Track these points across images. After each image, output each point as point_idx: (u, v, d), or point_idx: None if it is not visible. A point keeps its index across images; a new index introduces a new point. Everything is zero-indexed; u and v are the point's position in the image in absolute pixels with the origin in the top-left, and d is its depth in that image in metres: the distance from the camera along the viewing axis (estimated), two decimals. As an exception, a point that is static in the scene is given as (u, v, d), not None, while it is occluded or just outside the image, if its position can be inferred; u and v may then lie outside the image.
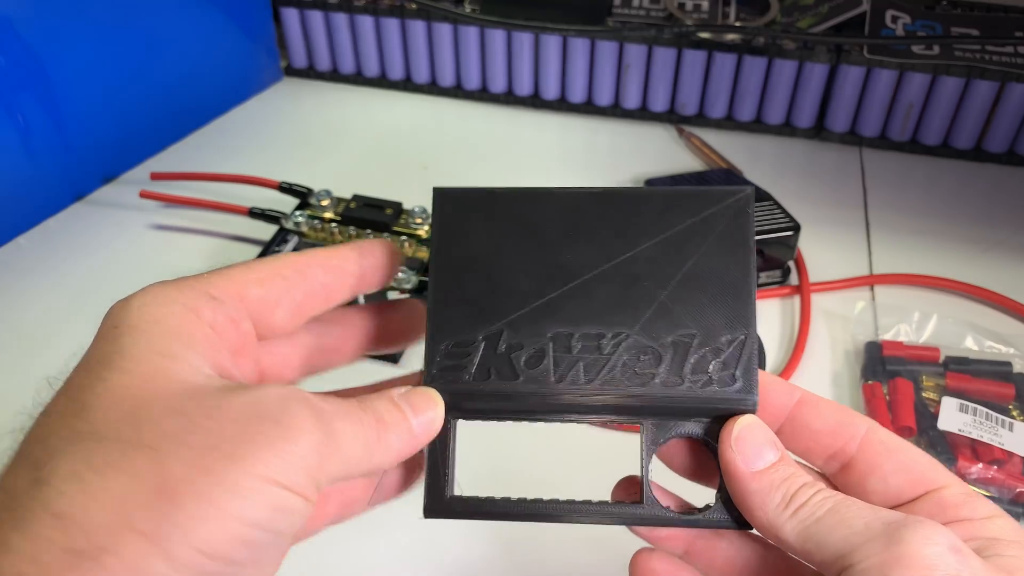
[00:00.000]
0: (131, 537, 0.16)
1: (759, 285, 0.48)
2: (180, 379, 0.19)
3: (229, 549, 0.17)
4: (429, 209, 0.50)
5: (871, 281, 0.49)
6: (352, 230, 0.50)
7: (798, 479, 0.21)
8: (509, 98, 0.70)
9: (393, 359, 0.45)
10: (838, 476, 0.22)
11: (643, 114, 0.68)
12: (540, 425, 0.23)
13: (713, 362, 0.22)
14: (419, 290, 0.45)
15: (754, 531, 0.22)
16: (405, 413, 0.21)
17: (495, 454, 0.35)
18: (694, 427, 0.22)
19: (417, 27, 0.68)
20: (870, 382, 0.41)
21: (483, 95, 0.70)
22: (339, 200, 0.52)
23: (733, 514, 0.22)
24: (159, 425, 0.18)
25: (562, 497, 0.22)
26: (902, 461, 0.22)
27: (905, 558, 0.18)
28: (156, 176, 0.56)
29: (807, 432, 0.22)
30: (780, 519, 0.20)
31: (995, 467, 0.36)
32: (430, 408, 0.22)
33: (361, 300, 0.42)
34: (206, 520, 0.17)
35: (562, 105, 0.69)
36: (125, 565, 0.16)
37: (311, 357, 0.25)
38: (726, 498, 0.22)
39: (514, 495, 0.22)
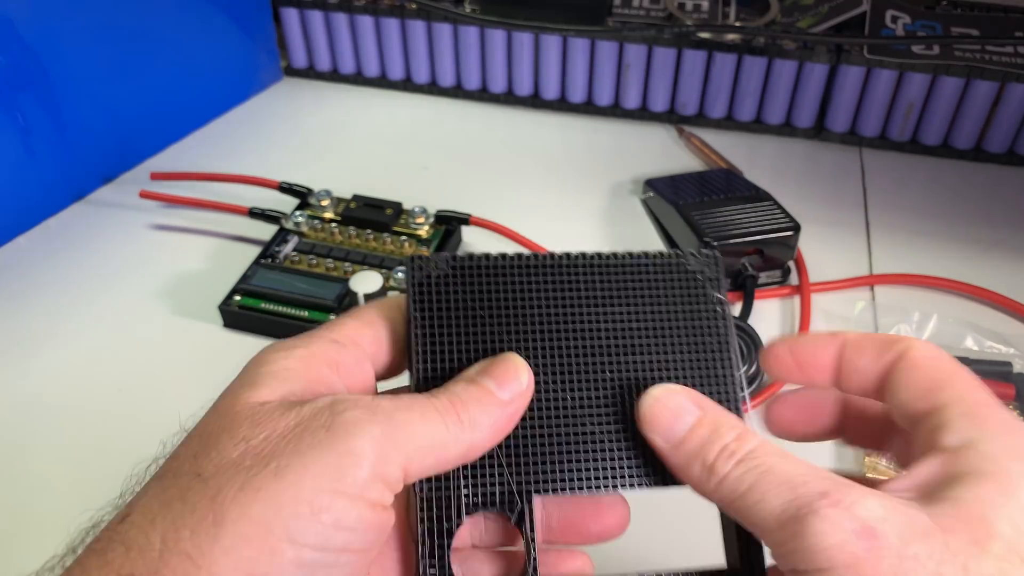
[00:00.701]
0: (178, 560, 0.17)
1: (760, 285, 0.48)
2: (250, 403, 0.19)
3: (278, 570, 0.17)
4: (429, 209, 0.50)
5: (871, 281, 0.49)
6: (352, 230, 0.50)
7: (715, 443, 0.20)
8: (509, 98, 0.70)
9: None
10: (881, 394, 0.22)
11: (643, 114, 0.68)
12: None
13: None
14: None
15: None
16: (485, 385, 0.21)
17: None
18: None
19: (417, 27, 0.68)
20: (870, 382, 0.41)
21: (483, 95, 0.70)
22: (339, 200, 0.52)
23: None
24: (221, 454, 0.18)
25: None
26: (915, 378, 0.20)
27: (808, 550, 0.17)
28: (156, 176, 0.56)
29: (857, 374, 0.22)
30: (706, 490, 0.20)
31: (995, 467, 0.36)
32: (513, 372, 0.21)
33: (362, 301, 0.42)
34: (252, 543, 0.17)
35: (562, 105, 0.69)
36: None
37: None
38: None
39: None
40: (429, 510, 0.21)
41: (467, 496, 0.22)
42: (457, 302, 0.23)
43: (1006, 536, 0.17)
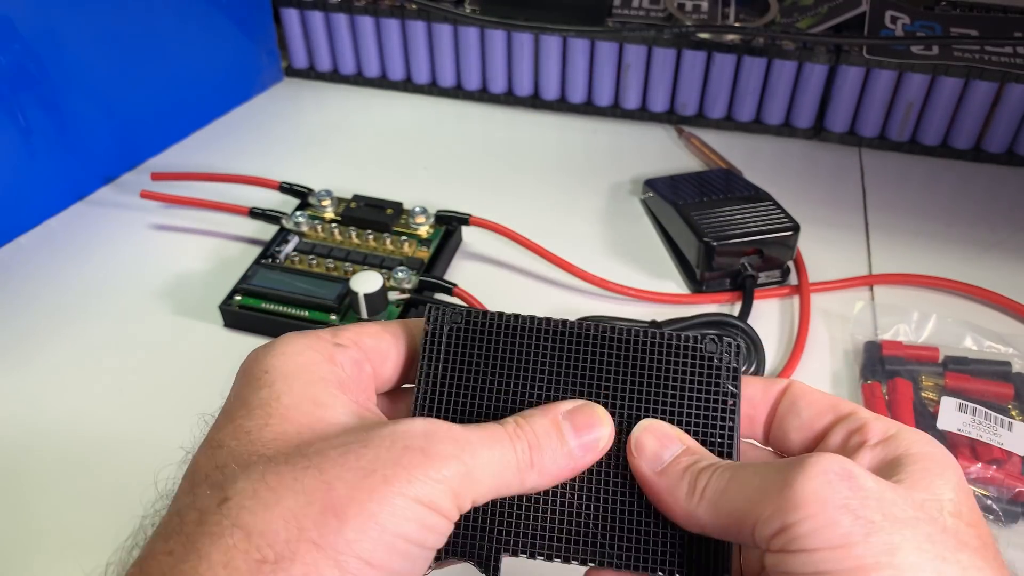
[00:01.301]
0: (307, 547, 0.18)
1: (759, 285, 0.48)
2: (333, 422, 0.21)
3: (389, 559, 0.19)
4: (429, 209, 0.51)
5: (870, 281, 0.49)
6: (352, 230, 0.50)
7: (700, 463, 0.22)
8: (509, 98, 0.70)
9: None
10: (769, 431, 0.24)
11: (643, 114, 0.68)
12: None
13: None
14: (419, 290, 0.46)
15: None
16: (564, 435, 0.22)
17: None
18: None
19: (417, 28, 0.68)
20: (869, 382, 0.41)
21: (483, 95, 0.70)
22: (339, 200, 0.52)
23: None
24: (323, 453, 0.19)
25: None
26: (813, 399, 0.23)
27: (796, 497, 0.18)
28: (157, 176, 0.56)
29: (751, 406, 0.24)
30: (692, 506, 0.21)
31: (994, 467, 0.36)
32: (594, 428, 0.23)
33: (362, 301, 0.42)
34: (369, 534, 0.18)
35: (562, 105, 0.69)
36: (303, 571, 0.18)
37: None
38: None
39: None
40: None
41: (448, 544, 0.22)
42: (465, 354, 0.24)
43: (952, 501, 0.19)
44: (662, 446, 0.22)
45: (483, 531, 0.23)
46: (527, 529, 0.23)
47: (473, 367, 0.24)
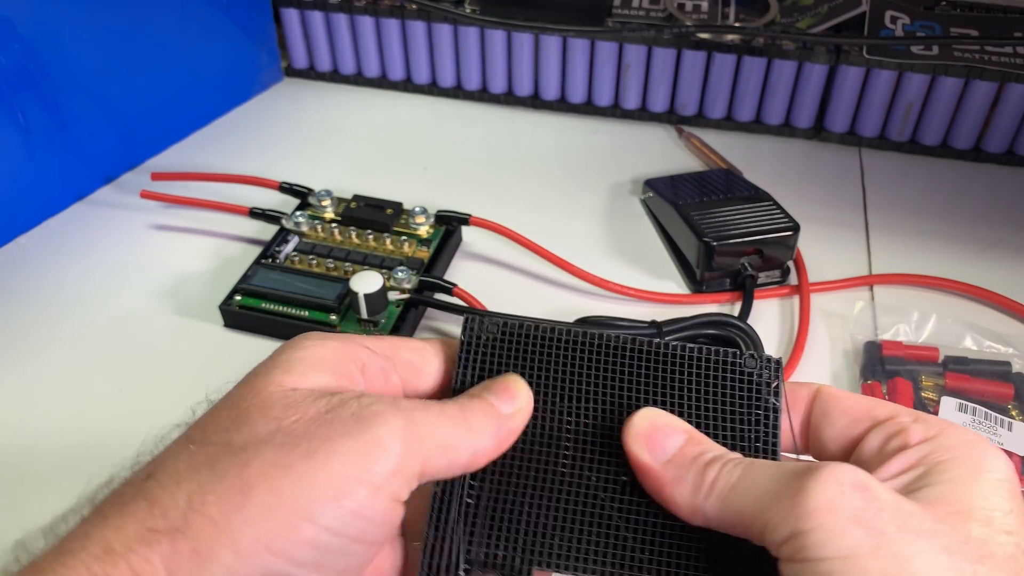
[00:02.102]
0: (203, 522, 0.18)
1: (759, 285, 0.48)
2: (284, 387, 0.20)
3: (294, 549, 0.18)
4: (429, 209, 0.51)
5: (870, 281, 0.49)
6: (352, 230, 0.50)
7: (705, 455, 0.21)
8: (509, 98, 0.70)
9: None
10: (807, 442, 0.23)
11: (643, 114, 0.68)
12: None
13: None
14: (419, 290, 0.45)
15: None
16: (487, 399, 0.22)
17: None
18: None
19: (417, 28, 0.68)
20: (869, 382, 0.41)
21: (483, 95, 0.70)
22: (339, 200, 0.52)
23: None
24: (253, 429, 0.19)
25: None
26: (846, 406, 0.22)
27: (809, 506, 0.18)
28: (157, 176, 0.56)
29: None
30: (698, 501, 0.20)
31: (994, 466, 0.36)
32: (512, 390, 0.23)
33: (362, 301, 0.42)
34: (275, 517, 0.18)
35: (562, 105, 0.69)
36: (192, 546, 0.17)
37: None
38: None
39: None
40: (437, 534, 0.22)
41: (469, 552, 0.22)
42: (502, 365, 0.24)
43: (983, 508, 0.18)
44: (665, 436, 0.22)
45: (512, 542, 0.22)
46: (561, 539, 0.22)
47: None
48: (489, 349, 0.24)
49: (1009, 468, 0.19)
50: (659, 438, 0.22)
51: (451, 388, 0.24)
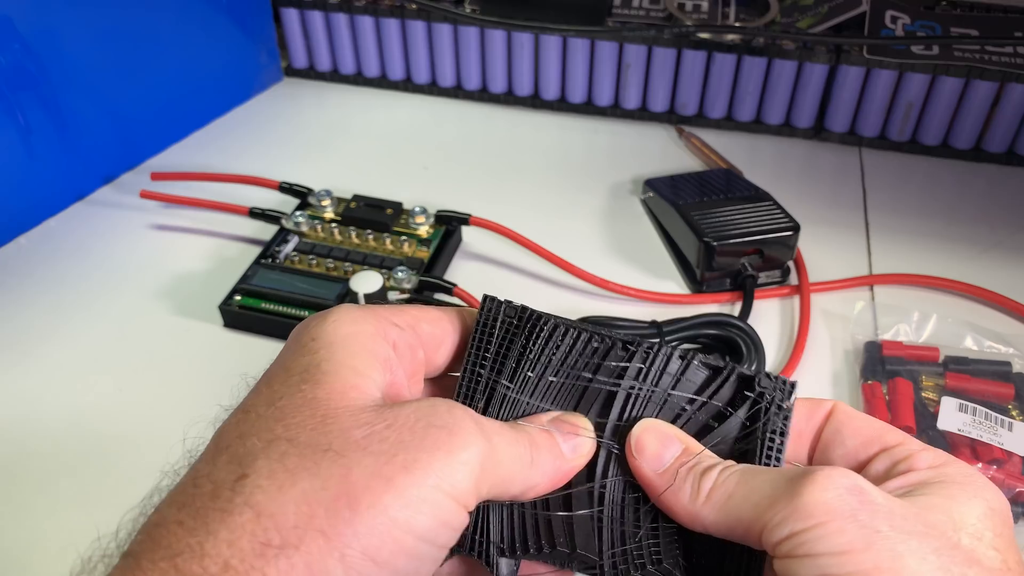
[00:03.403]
0: (313, 536, 0.18)
1: (759, 285, 0.48)
2: (367, 393, 0.21)
3: (396, 559, 0.18)
4: (429, 209, 0.50)
5: (870, 281, 0.49)
6: (352, 230, 0.50)
7: (701, 464, 0.22)
8: (509, 98, 0.70)
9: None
10: (813, 458, 0.24)
11: (643, 114, 0.68)
12: None
13: None
14: (419, 290, 0.45)
15: None
16: (555, 436, 0.22)
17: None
18: None
19: (417, 27, 0.68)
20: (870, 382, 0.41)
21: (483, 95, 0.70)
22: (339, 200, 0.52)
23: None
24: (346, 434, 0.19)
25: None
26: (858, 427, 0.23)
27: (805, 507, 0.19)
28: (156, 176, 0.56)
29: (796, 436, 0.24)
30: (696, 507, 0.21)
31: (994, 467, 0.36)
32: (580, 433, 0.23)
33: (362, 301, 0.42)
34: (379, 529, 0.18)
35: (562, 105, 0.69)
36: (305, 561, 0.18)
37: None
38: None
39: None
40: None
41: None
42: (513, 350, 0.24)
43: (975, 526, 0.19)
44: (663, 446, 0.22)
45: (490, 531, 0.23)
46: (540, 533, 0.23)
47: (519, 364, 0.24)
48: (502, 332, 0.24)
49: (1005, 505, 0.20)
50: (658, 448, 0.22)
51: (463, 366, 0.24)
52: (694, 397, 0.23)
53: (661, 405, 0.23)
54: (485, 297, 0.25)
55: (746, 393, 0.23)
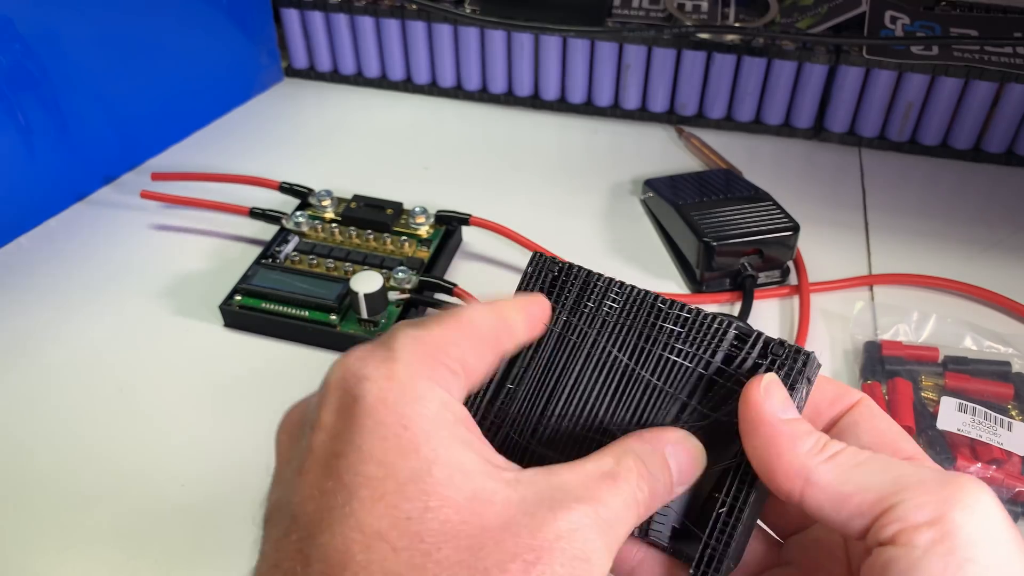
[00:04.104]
0: None
1: (759, 285, 0.48)
2: (487, 500, 0.19)
3: None
4: (429, 209, 0.51)
5: (870, 281, 0.49)
6: (352, 230, 0.50)
7: (824, 435, 0.21)
8: (509, 98, 0.70)
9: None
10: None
11: (643, 114, 0.68)
12: None
13: None
14: (419, 290, 0.46)
15: None
16: (671, 472, 0.22)
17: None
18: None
19: (417, 28, 0.68)
20: (869, 382, 0.41)
21: (483, 95, 0.70)
22: (339, 200, 0.52)
23: None
24: (503, 567, 0.17)
25: None
26: (877, 426, 0.22)
27: (962, 499, 0.18)
28: (157, 176, 0.57)
29: (809, 404, 0.23)
30: (814, 461, 0.20)
31: (994, 467, 0.36)
32: (696, 468, 0.22)
33: (362, 301, 0.42)
34: None
35: (562, 106, 0.69)
36: None
37: None
38: None
39: None
40: None
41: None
42: (559, 303, 0.24)
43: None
44: (787, 401, 0.21)
45: None
46: None
47: (569, 326, 0.24)
48: (547, 287, 0.25)
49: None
50: (784, 400, 0.21)
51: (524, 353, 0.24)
52: (712, 359, 0.24)
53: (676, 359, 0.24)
54: (534, 254, 0.25)
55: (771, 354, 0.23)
